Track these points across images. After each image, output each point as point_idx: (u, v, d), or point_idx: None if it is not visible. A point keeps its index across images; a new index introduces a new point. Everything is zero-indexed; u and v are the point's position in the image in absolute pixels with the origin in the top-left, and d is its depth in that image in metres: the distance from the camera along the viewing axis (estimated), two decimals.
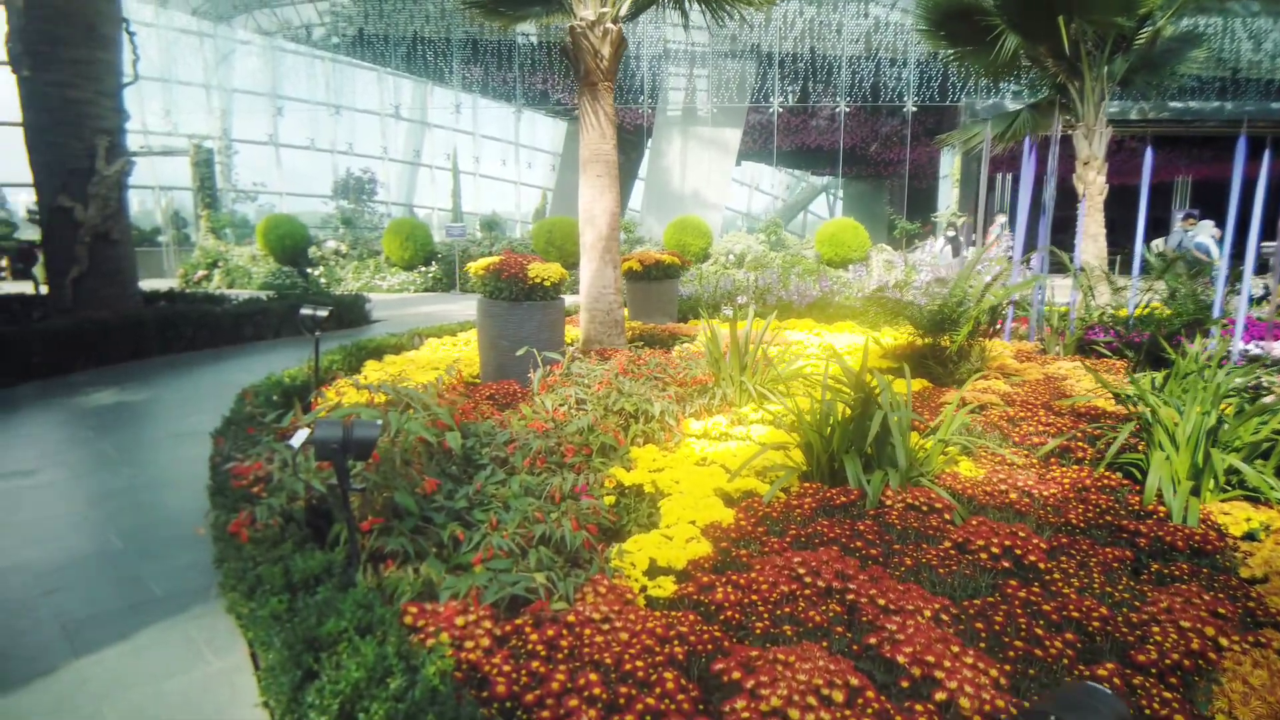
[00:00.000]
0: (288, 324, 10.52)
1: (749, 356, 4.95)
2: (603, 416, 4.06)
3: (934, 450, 3.67)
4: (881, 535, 3.02)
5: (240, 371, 7.89)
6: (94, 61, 9.32)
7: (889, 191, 26.37)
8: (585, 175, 7.07)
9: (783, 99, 20.30)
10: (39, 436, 5.37)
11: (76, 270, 9.22)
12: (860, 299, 9.33)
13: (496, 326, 5.64)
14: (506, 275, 5.54)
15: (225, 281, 18.69)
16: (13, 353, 7.05)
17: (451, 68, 23.33)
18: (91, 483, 4.42)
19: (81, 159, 9.23)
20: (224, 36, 25.08)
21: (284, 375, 5.42)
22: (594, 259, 7.06)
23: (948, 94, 19.34)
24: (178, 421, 5.81)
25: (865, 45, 18.90)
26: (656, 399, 4.20)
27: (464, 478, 3.46)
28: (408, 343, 7.56)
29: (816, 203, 40.84)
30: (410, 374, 6.01)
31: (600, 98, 6.96)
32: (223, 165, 23.56)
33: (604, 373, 4.51)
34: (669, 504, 3.30)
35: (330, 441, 2.27)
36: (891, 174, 24.25)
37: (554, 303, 5.80)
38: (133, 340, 8.41)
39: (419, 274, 18.27)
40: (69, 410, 6.15)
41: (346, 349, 6.56)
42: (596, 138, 6.99)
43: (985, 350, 5.74)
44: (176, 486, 4.33)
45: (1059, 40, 9.77)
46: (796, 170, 30.46)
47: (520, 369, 5.67)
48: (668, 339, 8.03)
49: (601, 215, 7.03)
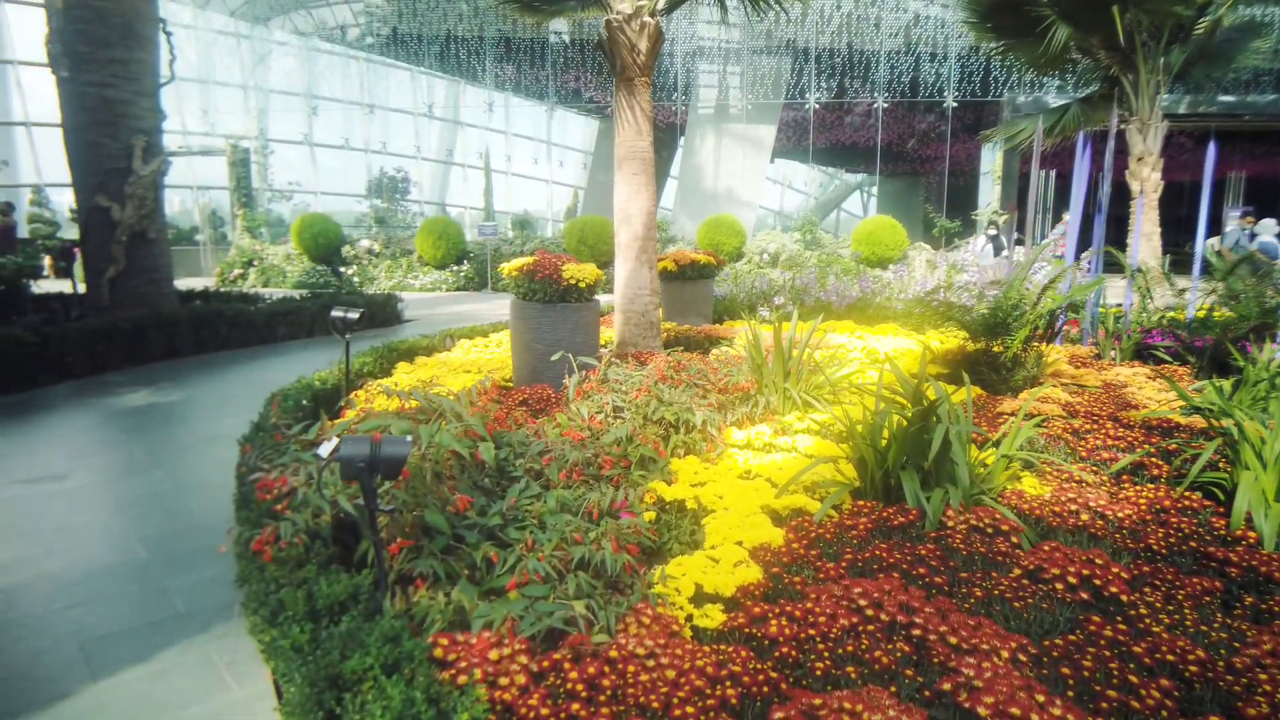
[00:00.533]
0: (320, 323, 10.50)
1: (793, 362, 4.72)
2: (641, 426, 3.88)
3: (997, 466, 3.43)
4: (945, 561, 2.80)
5: (272, 372, 7.85)
6: (131, 61, 9.36)
7: (926, 189, 25.84)
8: (620, 173, 6.88)
9: (819, 95, 19.92)
10: (71, 438, 5.33)
11: (113, 269, 9.27)
12: (903, 300, 9.03)
13: (530, 329, 5.48)
14: (541, 276, 5.38)
15: (260, 280, 18.84)
16: (49, 353, 7.06)
17: (484, 66, 23.31)
18: (120, 488, 4.34)
19: (119, 159, 9.27)
20: (260, 38, 25.34)
21: (314, 378, 5.32)
22: (629, 259, 6.87)
23: (989, 89, 18.82)
24: (209, 424, 5.75)
25: (904, 40, 18.47)
26: (698, 408, 4.00)
27: (497, 491, 3.30)
28: (439, 344, 7.45)
29: (850, 201, 40.29)
30: (442, 378, 5.88)
31: (637, 93, 6.77)
32: (259, 165, 23.81)
33: (642, 379, 4.32)
34: (713, 522, 3.10)
35: (357, 460, 2.11)
36: (929, 171, 23.73)
37: (589, 304, 5.62)
38: (167, 339, 8.42)
39: (451, 273, 18.25)
40: (102, 411, 6.12)
41: (378, 351, 6.45)
42: (632, 135, 6.81)
43: (1042, 357, 5.44)
44: (204, 492, 4.23)
45: (1113, 31, 9.38)
46: (831, 168, 29.98)
47: (554, 372, 5.50)
48: (704, 341, 7.82)
49: (637, 214, 6.84)
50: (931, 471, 3.39)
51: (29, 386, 6.87)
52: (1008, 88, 18.42)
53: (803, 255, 17.73)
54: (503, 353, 7.19)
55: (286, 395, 4.67)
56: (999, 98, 18.76)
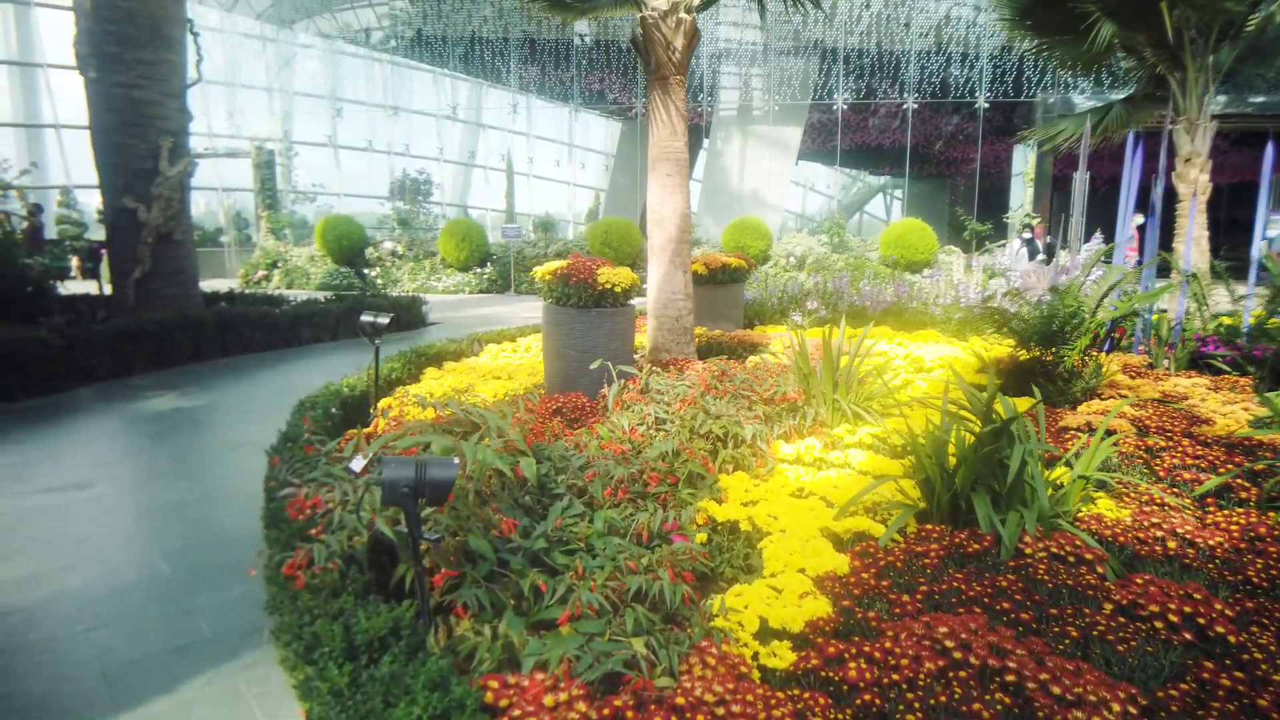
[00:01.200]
0: (345, 326, 10.40)
1: (841, 372, 4.50)
2: (688, 440, 3.67)
3: (1073, 489, 3.19)
4: (1029, 594, 2.57)
5: (298, 375, 7.73)
6: (159, 62, 9.31)
7: (955, 192, 25.44)
8: (654, 174, 6.69)
9: (847, 96, 19.61)
10: (95, 444, 5.21)
11: (139, 271, 9.21)
12: (941, 306, 8.75)
13: (563, 335, 5.30)
14: (575, 281, 5.20)
15: (284, 282, 18.85)
16: (74, 356, 6.98)
17: (508, 68, 23.23)
18: (144, 497, 4.20)
19: (145, 160, 9.22)
20: (285, 41, 25.45)
21: (343, 384, 5.17)
22: (663, 263, 6.68)
23: (1022, 89, 18.43)
24: (235, 430, 5.61)
25: (934, 40, 18.13)
26: (746, 421, 3.80)
27: (538, 509, 3.11)
28: (467, 349, 7.29)
29: (873, 203, 39.90)
30: (473, 384, 5.72)
31: (671, 92, 6.58)
32: (283, 167, 23.89)
33: (685, 390, 4.12)
34: (771, 548, 2.89)
35: (400, 483, 1.93)
36: (958, 173, 23.32)
37: (624, 309, 5.43)
38: (192, 342, 8.33)
39: (474, 275, 18.15)
40: (127, 416, 6.01)
41: (406, 356, 6.30)
42: (667, 135, 6.61)
43: (1102, 367, 5.18)
44: (231, 503, 4.08)
45: (1160, 28, 9.04)
46: (858, 170, 29.60)
47: (589, 380, 5.32)
48: (736, 347, 7.61)
49: (671, 217, 6.65)
50: (1000, 491, 3.16)
51: (54, 390, 6.78)
52: (1040, 88, 18.03)
53: (829, 258, 17.46)
54: (531, 358, 7.02)
55: (315, 403, 4.52)
56: (1031, 98, 18.37)
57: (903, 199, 21.15)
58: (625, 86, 22.85)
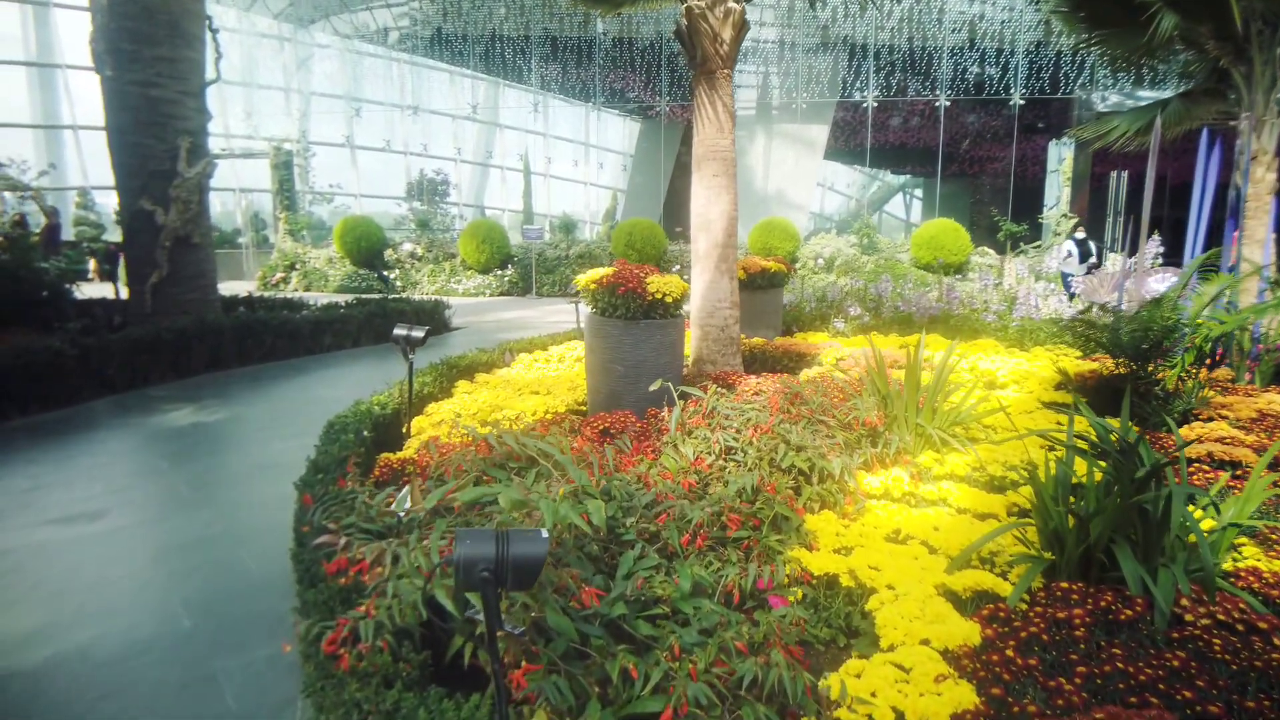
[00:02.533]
0: (367, 332, 10.07)
1: (923, 391, 4.08)
2: (767, 474, 3.27)
3: (1224, 538, 2.76)
4: (1212, 679, 2.15)
5: (322, 386, 7.39)
6: (177, 60, 9.00)
7: (978, 192, 24.87)
8: (699, 175, 6.29)
9: (876, 93, 19.10)
10: (110, 467, 4.87)
11: (157, 275, 8.91)
12: (995, 312, 8.29)
13: (609, 348, 4.91)
14: (623, 290, 4.80)
15: (302, 284, 18.58)
16: (90, 366, 6.66)
17: (529, 65, 22.89)
18: (161, 532, 3.84)
19: (163, 161, 8.91)
20: (303, 41, 25.24)
21: (373, 402, 4.80)
22: (708, 269, 6.28)
23: (1059, 86, 17.87)
24: (259, 448, 5.26)
25: (968, 34, 17.60)
26: (830, 451, 3.39)
27: (605, 558, 2.72)
28: (498, 359, 6.92)
29: (893, 203, 39.32)
30: (506, 401, 5.33)
31: (719, 87, 6.17)
32: (300, 167, 23.66)
33: (755, 414, 3.71)
34: (885, 612, 2.48)
35: (479, 565, 1.54)
36: (991, 172, 22.71)
37: (674, 320, 5.04)
38: (210, 350, 8.02)
39: (495, 277, 17.81)
40: (144, 433, 5.68)
41: (437, 369, 5.93)
42: (713, 132, 6.21)
43: (1204, 386, 4.73)
44: (257, 539, 3.71)
45: (1225, 19, 8.54)
46: (884, 169, 29.00)
47: (636, 397, 4.93)
48: (781, 357, 7.19)
49: (718, 220, 6.25)
50: (1136, 540, 2.74)
51: (70, 402, 6.47)
52: (1078, 85, 17.47)
53: (858, 260, 16.99)
54: (566, 369, 6.64)
55: (345, 426, 4.15)
56: (1069, 95, 17.80)
57: (934, 198, 20.57)
58: (647, 85, 22.42)
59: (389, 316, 10.37)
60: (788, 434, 3.40)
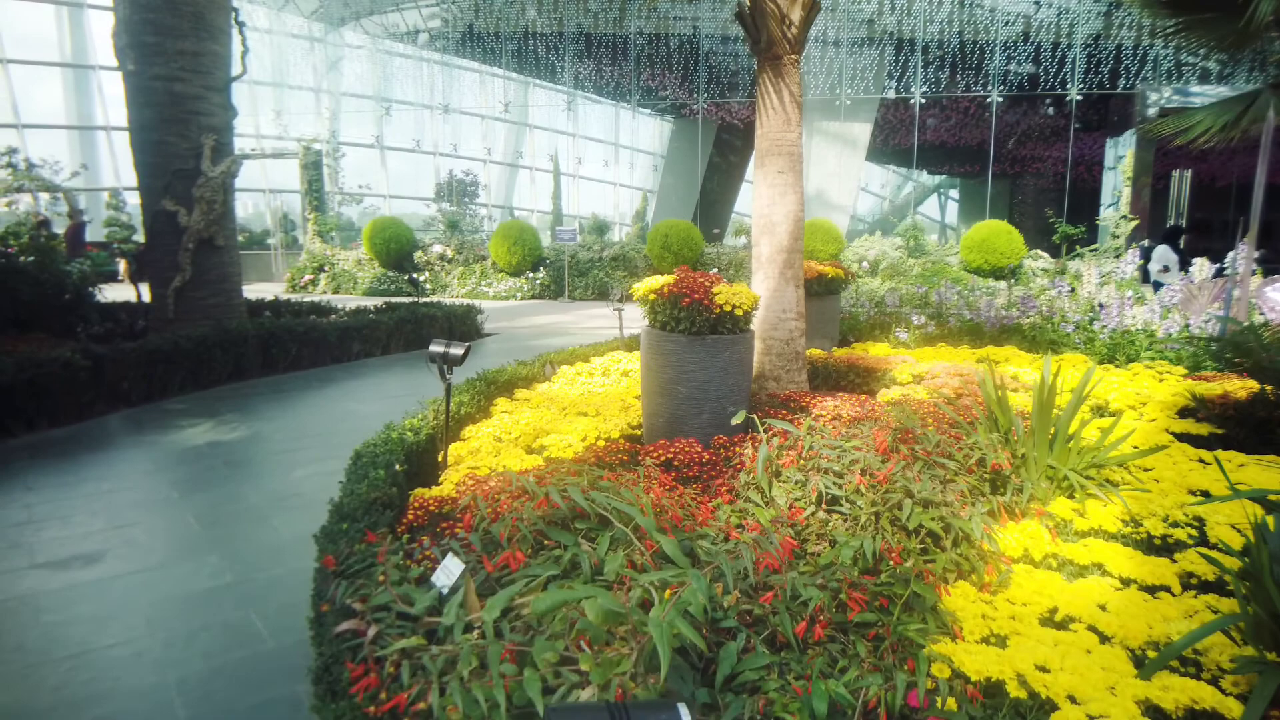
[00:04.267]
0: (397, 338, 9.60)
1: (1054, 424, 3.43)
2: (890, 535, 2.67)
3: None
4: None
5: (350, 400, 6.90)
6: (203, 54, 8.59)
7: (1029, 191, 23.92)
8: (762, 172, 5.70)
9: (925, 89, 18.28)
10: (114, 495, 4.38)
11: (180, 279, 8.50)
12: (1074, 321, 7.57)
13: (670, 367, 4.33)
14: (688, 302, 4.23)
15: (331, 286, 18.25)
16: (103, 378, 6.22)
17: (561, 63, 22.39)
18: (164, 582, 3.32)
19: (187, 159, 8.51)
20: (333, 41, 25.02)
21: (405, 428, 4.26)
22: (771, 275, 5.68)
23: (1119, 80, 16.98)
24: (278, 475, 4.75)
25: (1022, 26, 16.75)
26: (962, 505, 2.78)
27: (695, 649, 2.12)
28: (539, 373, 6.37)
29: (928, 205, 38.39)
30: (552, 423, 4.78)
31: (785, 74, 5.57)
32: (330, 168, 23.40)
33: (860, 454, 3.10)
34: None
35: None
36: (1039, 171, 21.78)
37: (743, 336, 4.44)
38: (233, 360, 7.56)
39: (526, 280, 17.34)
40: (155, 454, 5.20)
41: (474, 385, 5.39)
42: (779, 125, 5.61)
43: None
44: (272, 596, 3.18)
45: None
46: (931, 169, 28.05)
47: (700, 421, 4.35)
48: (846, 372, 6.57)
49: (782, 221, 5.64)
50: None
51: (81, 416, 6.03)
52: (1139, 79, 16.56)
53: (904, 263, 16.27)
54: (614, 384, 6.07)
55: (374, 458, 3.61)
56: (1130, 90, 16.89)
57: (983, 199, 19.69)
58: (683, 83, 21.79)
59: (419, 322, 9.89)
60: (911, 486, 2.79)
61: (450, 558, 2.27)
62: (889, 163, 29.62)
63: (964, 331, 8.06)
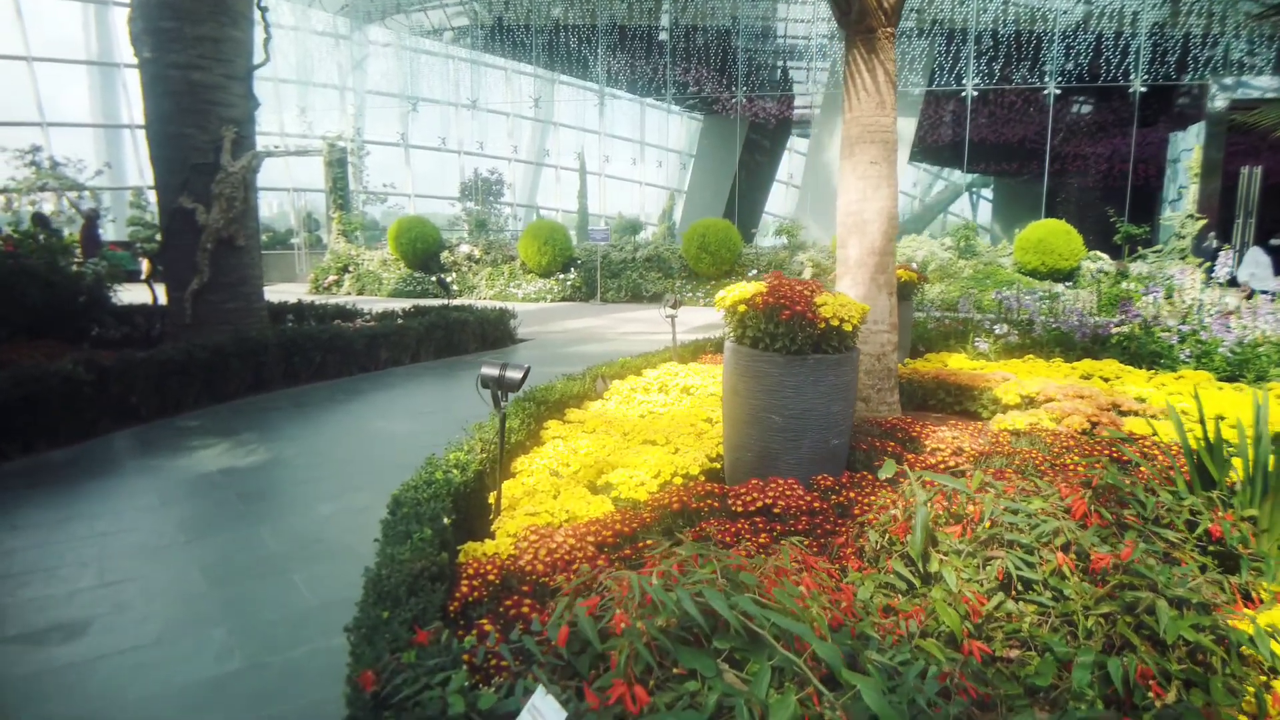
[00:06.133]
0: (426, 344, 8.97)
1: None
2: (1140, 647, 1.94)
3: None
4: None
5: (379, 416, 6.26)
6: (223, 40, 8.00)
7: (1077, 190, 22.88)
8: (851, 162, 4.98)
9: (977, 81, 17.35)
10: (110, 540, 3.75)
11: (197, 281, 7.93)
12: (1179, 332, 6.77)
13: (764, 393, 3.63)
14: (788, 315, 3.53)
15: (355, 287, 17.72)
16: (110, 392, 5.62)
17: (595, 55, 21.69)
18: (155, 667, 2.67)
19: (206, 153, 7.93)
20: (359, 38, 24.56)
21: (449, 462, 3.58)
22: (861, 281, 4.96)
23: (1185, 71, 15.97)
24: (301, 512, 4.10)
25: (1081, 14, 15.80)
26: (1217, 602, 2.06)
27: None
28: (589, 388, 5.69)
29: (958, 204, 37.31)
30: (615, 453, 4.09)
31: (879, 50, 4.85)
32: (354, 166, 22.93)
33: (1052, 519, 2.38)
34: None
35: None
36: (1093, 168, 20.71)
37: (849, 356, 3.73)
38: (252, 371, 6.96)
39: (556, 281, 16.70)
40: (162, 482, 4.58)
41: (524, 407, 4.70)
42: (871, 108, 4.89)
43: None
44: (292, 693, 2.52)
45: None
46: (981, 165, 26.90)
47: (797, 458, 3.64)
48: (934, 390, 5.84)
49: (875, 219, 4.92)
50: None
51: (85, 435, 5.44)
52: (1209, 70, 15.55)
53: (955, 264, 15.44)
54: (674, 403, 5.37)
55: (416, 509, 2.94)
56: (1200, 80, 15.88)
57: (1039, 197, 18.70)
58: (720, 77, 20.98)
59: (450, 328, 9.26)
60: (1154, 569, 2.06)
61: (543, 696, 1.58)
62: (940, 160, 28.53)
63: (1052, 341, 7.28)
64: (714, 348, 7.67)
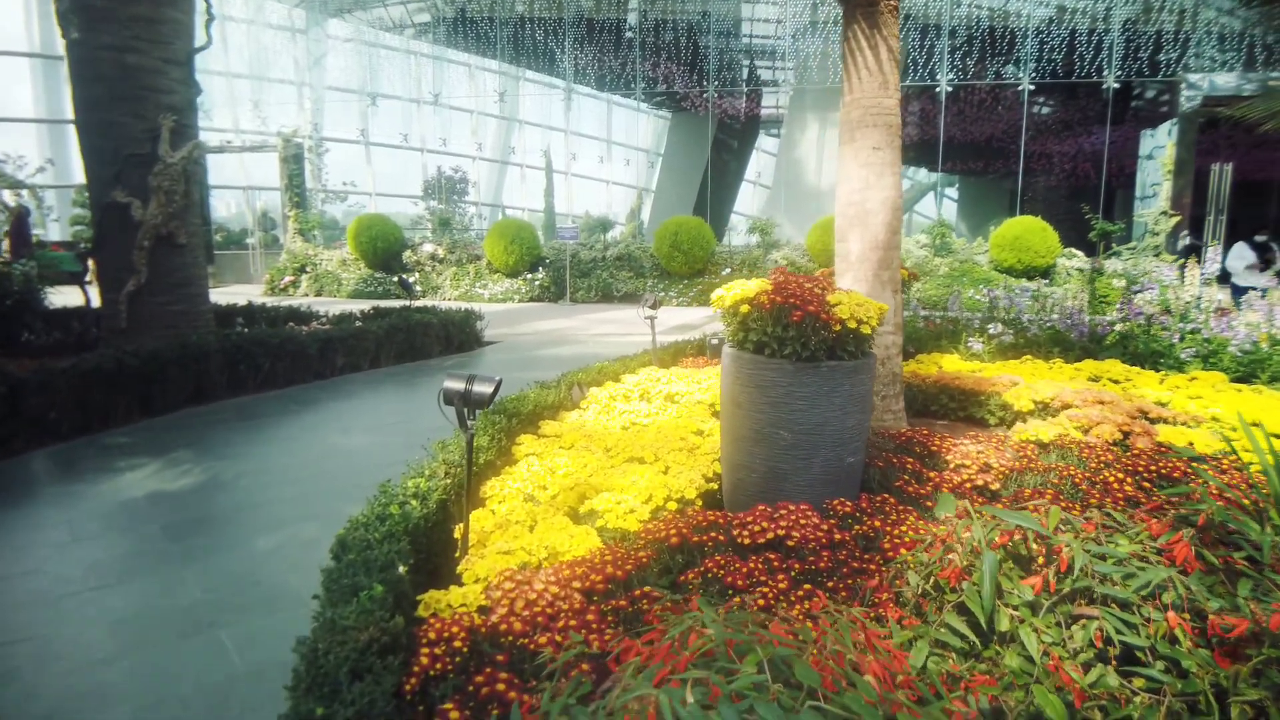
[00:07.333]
0: (387, 349, 8.38)
1: None
2: None
3: None
4: None
5: (332, 429, 5.70)
6: (159, 20, 7.36)
7: (1040, 187, 22.91)
8: (851, 148, 4.56)
9: (951, 77, 17.13)
10: (4, 580, 3.17)
11: (134, 283, 7.29)
12: (1179, 330, 6.49)
13: (771, 405, 3.18)
14: (799, 315, 3.08)
15: (313, 288, 16.97)
16: (22, 407, 4.98)
17: (558, 53, 21.14)
18: None
19: (142, 143, 7.28)
20: (316, 32, 23.70)
21: (406, 491, 3.06)
22: (864, 278, 4.54)
23: (1159, 68, 15.92)
24: (237, 548, 3.55)
25: (1054, 8, 15.66)
26: None
27: None
28: (565, 397, 5.19)
29: (923, 203, 37.42)
30: (599, 475, 3.61)
31: (882, 26, 4.44)
32: (312, 164, 22.07)
33: (1139, 557, 1.96)
34: None
35: None
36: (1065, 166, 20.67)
37: (865, 361, 3.29)
38: (193, 380, 6.34)
39: (524, 281, 16.14)
40: (76, 513, 3.99)
41: (494, 421, 4.19)
42: (874, 88, 4.47)
43: None
44: None
45: None
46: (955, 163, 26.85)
47: (808, 479, 3.20)
48: (937, 395, 5.45)
49: (878, 210, 4.51)
50: None
51: None
52: (1180, 66, 15.52)
53: (931, 262, 15.22)
54: (658, 412, 4.89)
55: (367, 556, 2.42)
56: (1171, 78, 15.84)
57: (1013, 194, 18.56)
58: (687, 74, 20.56)
59: (412, 331, 8.69)
60: None
61: None
62: (906, 158, 28.46)
63: (1048, 341, 6.96)
64: (694, 350, 7.22)
